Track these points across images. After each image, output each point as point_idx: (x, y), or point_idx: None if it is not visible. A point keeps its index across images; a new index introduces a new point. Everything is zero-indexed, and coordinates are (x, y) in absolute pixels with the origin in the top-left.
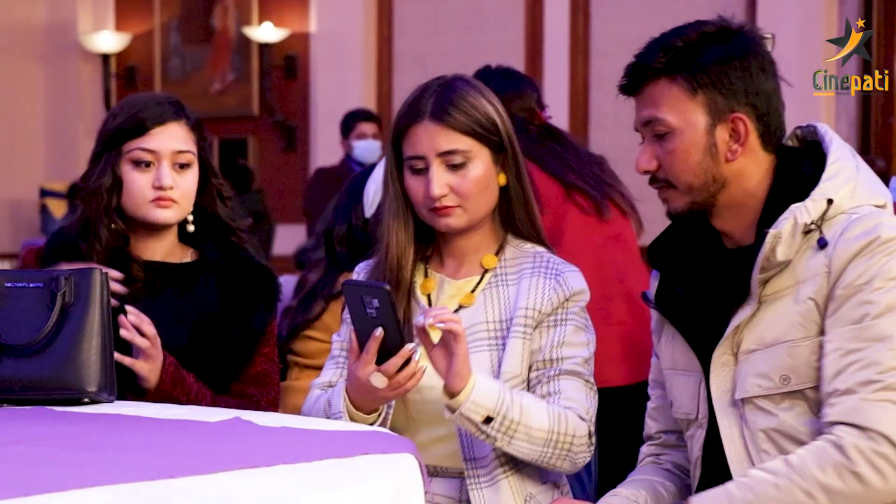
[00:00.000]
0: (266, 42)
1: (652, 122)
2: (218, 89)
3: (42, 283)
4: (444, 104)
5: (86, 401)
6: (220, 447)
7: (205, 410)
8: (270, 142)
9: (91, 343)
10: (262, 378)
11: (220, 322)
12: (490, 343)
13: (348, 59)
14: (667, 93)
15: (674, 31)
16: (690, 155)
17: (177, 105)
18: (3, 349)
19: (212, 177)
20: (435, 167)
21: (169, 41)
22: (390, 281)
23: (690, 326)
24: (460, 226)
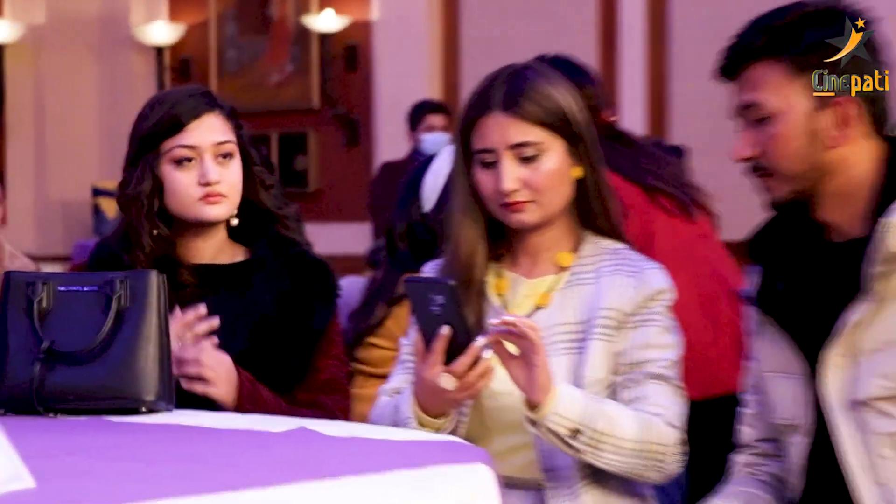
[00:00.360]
0: (326, 31)
1: (751, 107)
2: (276, 81)
3: (97, 286)
4: (515, 94)
5: (143, 410)
6: (284, 458)
7: (268, 419)
8: (332, 136)
9: (148, 349)
10: (332, 384)
11: (277, 323)
12: (569, 346)
13: (413, 47)
14: (766, 75)
15: (776, 11)
16: (790, 141)
17: (208, 95)
18: (57, 356)
19: (252, 165)
20: (506, 160)
21: (225, 32)
22: (461, 281)
23: (795, 325)
24: (533, 221)
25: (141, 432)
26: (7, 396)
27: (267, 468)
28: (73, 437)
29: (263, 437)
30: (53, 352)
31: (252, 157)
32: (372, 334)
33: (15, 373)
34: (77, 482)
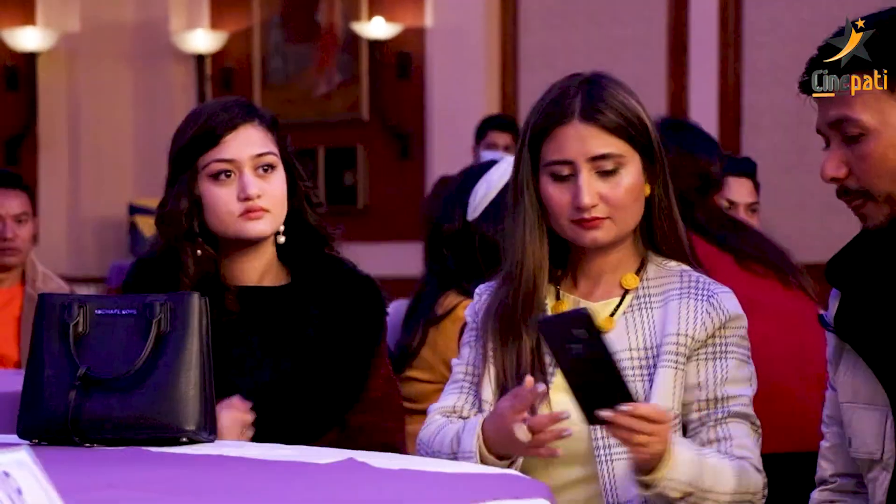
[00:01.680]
0: (377, 39)
1: (842, 123)
2: (323, 92)
3: (135, 309)
4: (596, 102)
5: (183, 441)
6: (332, 492)
7: (315, 451)
8: (382, 150)
9: (189, 376)
10: (383, 403)
11: (325, 346)
12: (635, 374)
13: (468, 56)
14: (861, 89)
15: (866, 19)
16: (888, 159)
17: (246, 105)
18: (94, 384)
19: (298, 180)
20: (585, 173)
21: (269, 40)
22: (525, 304)
23: (878, 354)
24: (608, 240)
25: (181, 464)
26: (42, 426)
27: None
28: (110, 469)
29: (310, 469)
30: (90, 379)
31: (298, 171)
32: (409, 366)
33: (50, 401)
34: None
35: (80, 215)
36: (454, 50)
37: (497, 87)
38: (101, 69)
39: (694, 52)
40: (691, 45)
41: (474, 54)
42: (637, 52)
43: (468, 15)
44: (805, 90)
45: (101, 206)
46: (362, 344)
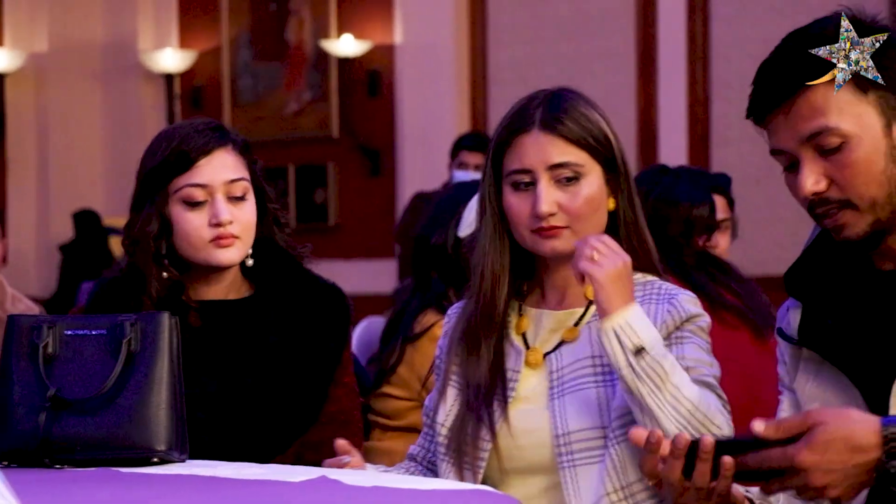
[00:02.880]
0: (346, 56)
1: (819, 135)
2: (293, 110)
3: (105, 329)
4: (556, 112)
5: (155, 460)
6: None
7: (287, 469)
8: (353, 167)
9: (160, 396)
10: (343, 416)
11: (288, 354)
12: (597, 379)
13: (438, 73)
14: (832, 97)
15: (807, 31)
16: (873, 164)
17: (220, 129)
18: (63, 405)
19: (268, 203)
20: (543, 182)
21: (238, 58)
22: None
23: (849, 361)
24: (567, 250)
25: (152, 484)
26: (11, 448)
27: None
28: (81, 490)
29: (283, 487)
30: (60, 400)
31: (268, 194)
32: (386, 382)
33: (19, 423)
34: None
35: (49, 236)
36: (424, 66)
37: (467, 102)
38: (69, 89)
39: (662, 66)
40: (660, 59)
41: (444, 70)
42: (606, 66)
43: (437, 31)
44: (766, 111)
45: (70, 226)
46: (326, 350)
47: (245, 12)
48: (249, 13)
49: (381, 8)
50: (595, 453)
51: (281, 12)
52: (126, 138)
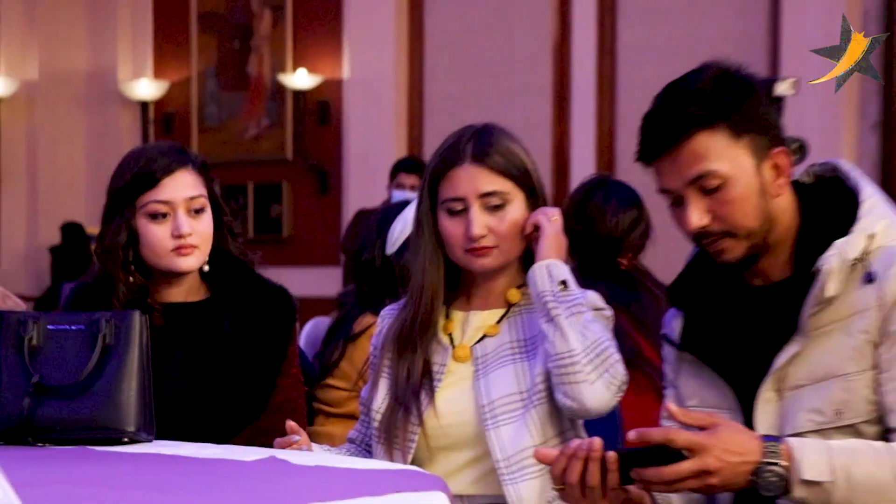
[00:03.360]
0: (300, 88)
1: (701, 178)
2: (253, 135)
3: (83, 325)
4: (485, 147)
5: (125, 440)
6: (255, 486)
7: (241, 450)
8: (304, 186)
9: (131, 384)
10: (287, 405)
11: (239, 351)
12: (516, 357)
13: (380, 104)
14: (709, 144)
15: (685, 82)
16: (748, 201)
17: (181, 151)
18: (46, 390)
19: (223, 216)
20: (475, 208)
21: (206, 88)
22: (423, 323)
23: (723, 364)
24: (495, 266)
25: (123, 461)
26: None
27: (240, 495)
28: (60, 465)
29: (236, 465)
30: (42, 386)
31: (223, 209)
32: (330, 375)
33: (6, 405)
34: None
35: (37, 242)
36: (368, 98)
37: (405, 130)
38: (56, 113)
39: (575, 102)
40: (572, 96)
41: (385, 102)
42: (526, 100)
43: (380, 67)
44: (651, 155)
45: (57, 233)
46: (273, 345)
47: (212, 48)
48: (216, 49)
49: (331, 47)
50: (516, 413)
51: (243, 49)
52: (106, 157)
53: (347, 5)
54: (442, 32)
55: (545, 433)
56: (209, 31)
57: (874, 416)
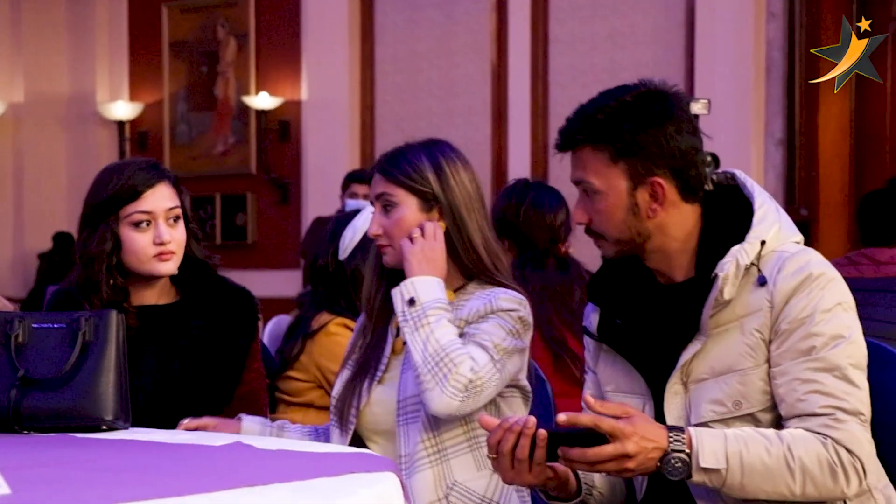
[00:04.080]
0: (262, 109)
1: (581, 183)
2: (220, 151)
3: (65, 323)
4: (386, 159)
5: (104, 428)
6: (223, 468)
7: (210, 435)
8: (266, 197)
9: (109, 377)
10: (251, 396)
11: (206, 348)
12: None
13: (335, 123)
14: (591, 159)
15: (598, 100)
16: (614, 214)
17: (158, 167)
18: (30, 383)
19: (189, 223)
20: (376, 208)
21: (177, 109)
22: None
23: (634, 354)
24: (393, 263)
25: (102, 447)
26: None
27: (208, 476)
28: (44, 451)
29: (205, 450)
30: (28, 379)
31: (189, 217)
32: (291, 368)
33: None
34: (47, 489)
35: (23, 249)
36: (324, 118)
37: (358, 146)
38: (41, 132)
39: (511, 121)
40: (510, 115)
41: (340, 121)
42: (468, 120)
43: (336, 90)
44: (559, 150)
45: (40, 240)
46: (237, 344)
47: (182, 73)
48: (186, 73)
49: (290, 71)
50: (419, 413)
51: (211, 73)
52: (86, 171)
53: (305, 33)
54: (391, 58)
55: (439, 430)
56: (180, 57)
57: (769, 405)
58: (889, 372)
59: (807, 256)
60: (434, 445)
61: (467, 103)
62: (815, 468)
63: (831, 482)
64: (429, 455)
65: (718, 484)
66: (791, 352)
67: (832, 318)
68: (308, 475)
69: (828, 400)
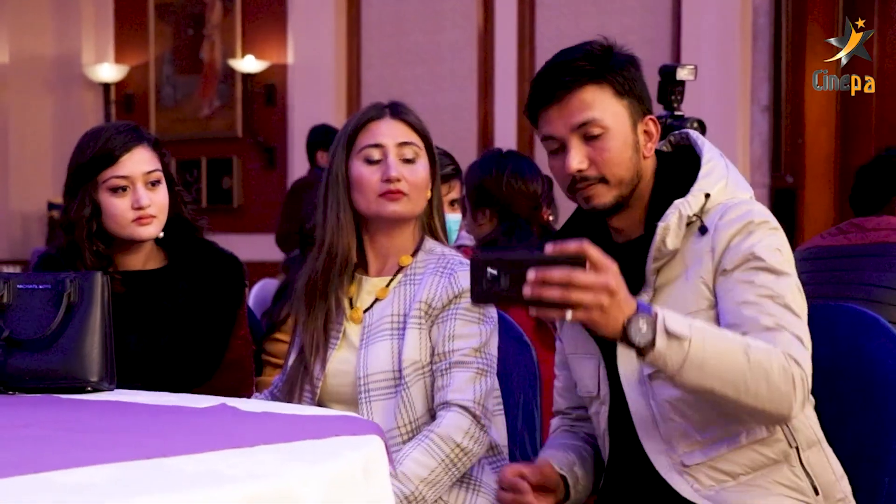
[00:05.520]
0: (249, 72)
1: (587, 124)
2: (206, 114)
3: (50, 284)
4: (401, 108)
5: (88, 389)
6: (208, 429)
7: (194, 397)
8: (253, 161)
9: (94, 338)
10: (238, 364)
11: (194, 315)
12: (392, 332)
13: (321, 87)
14: (598, 97)
15: (578, 49)
16: (623, 153)
17: (137, 130)
18: (16, 344)
19: (174, 186)
20: (392, 155)
21: (162, 72)
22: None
23: None
24: (404, 213)
25: (87, 408)
26: None
27: (193, 438)
28: (29, 411)
29: (190, 411)
30: (13, 340)
31: (173, 180)
32: (278, 330)
33: None
34: (33, 448)
35: (8, 210)
36: (310, 82)
37: (344, 111)
38: (25, 94)
39: (498, 86)
40: (496, 80)
41: (326, 85)
42: (454, 84)
43: (321, 54)
44: (545, 102)
45: (25, 203)
46: (224, 310)
47: (168, 35)
48: (172, 36)
49: (277, 35)
50: (387, 391)
51: (197, 36)
52: (71, 134)
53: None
54: (377, 22)
55: (415, 412)
56: (165, 19)
57: None
58: (872, 337)
59: (749, 206)
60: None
61: (454, 68)
62: (772, 367)
63: (783, 385)
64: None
65: (679, 359)
66: (736, 284)
67: (775, 255)
68: (293, 437)
69: (774, 319)
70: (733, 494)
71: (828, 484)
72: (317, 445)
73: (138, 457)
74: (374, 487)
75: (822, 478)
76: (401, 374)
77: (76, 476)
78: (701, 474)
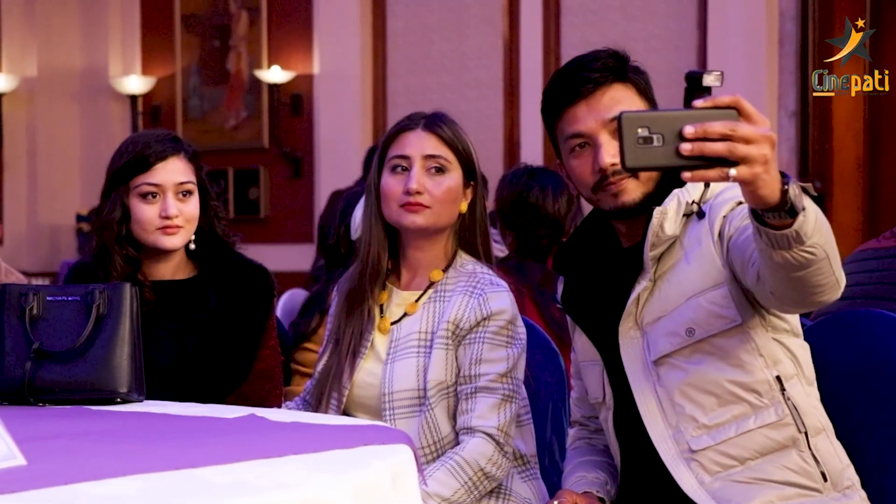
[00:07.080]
0: (275, 83)
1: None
2: (232, 125)
3: (79, 296)
4: (437, 120)
5: (118, 400)
6: (237, 440)
7: (222, 408)
8: (279, 171)
9: (123, 349)
10: (267, 374)
11: (223, 325)
12: (419, 351)
13: (347, 97)
14: (625, 95)
15: (597, 53)
16: None
17: (175, 141)
18: (45, 355)
19: (210, 200)
20: (417, 167)
21: (189, 83)
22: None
23: (591, 321)
24: (424, 225)
25: (116, 419)
26: (2, 389)
27: (222, 448)
28: (58, 423)
29: (219, 422)
30: (42, 352)
31: (210, 194)
32: (308, 340)
33: (10, 369)
34: (62, 460)
35: (37, 223)
36: (336, 91)
37: (370, 120)
38: (54, 106)
39: (524, 94)
40: (522, 88)
41: (352, 95)
42: (480, 92)
43: (347, 64)
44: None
45: (54, 215)
46: (253, 321)
47: (195, 47)
48: (198, 48)
49: (302, 45)
50: (411, 410)
51: (223, 47)
52: (98, 146)
53: (317, 8)
54: (403, 31)
55: (440, 433)
56: (192, 31)
57: (723, 328)
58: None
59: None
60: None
61: (479, 76)
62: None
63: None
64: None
65: (812, 218)
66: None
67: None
68: (322, 447)
69: None
70: (737, 486)
71: (835, 471)
72: (345, 455)
73: (167, 468)
74: (403, 496)
75: (830, 464)
76: (425, 394)
77: (106, 487)
78: (707, 459)
